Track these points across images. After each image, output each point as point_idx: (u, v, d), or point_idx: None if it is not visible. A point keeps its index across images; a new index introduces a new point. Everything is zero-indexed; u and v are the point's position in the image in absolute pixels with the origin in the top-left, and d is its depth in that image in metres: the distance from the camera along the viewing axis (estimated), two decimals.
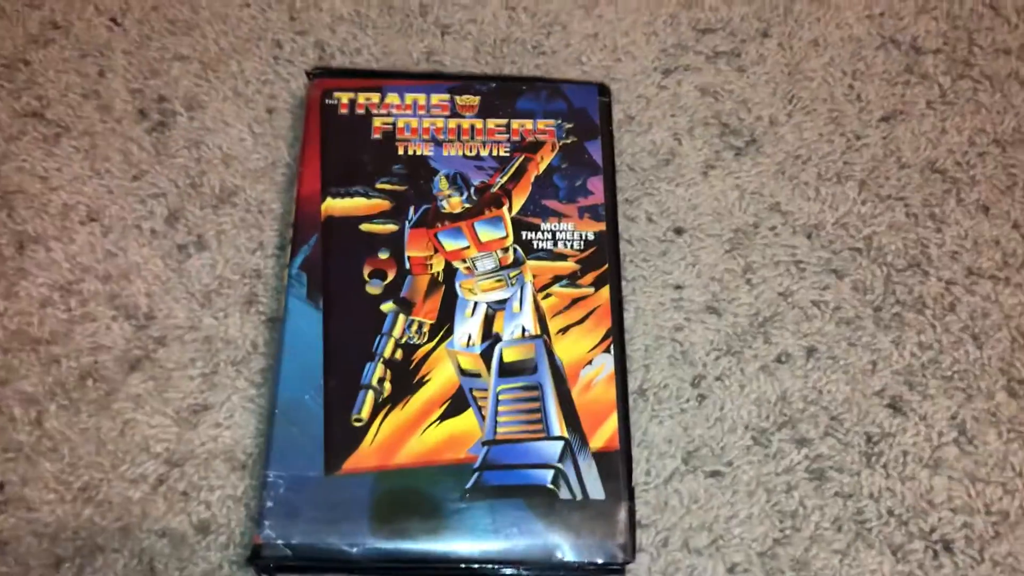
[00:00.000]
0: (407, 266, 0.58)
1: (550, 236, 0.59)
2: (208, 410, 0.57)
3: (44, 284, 0.60)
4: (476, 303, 0.58)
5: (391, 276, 0.58)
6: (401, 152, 0.62)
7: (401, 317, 0.57)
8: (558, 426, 0.54)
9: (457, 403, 0.55)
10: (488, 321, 0.57)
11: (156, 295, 0.60)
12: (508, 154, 0.62)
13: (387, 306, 0.57)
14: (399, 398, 0.54)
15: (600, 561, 0.51)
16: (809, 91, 0.68)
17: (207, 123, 0.66)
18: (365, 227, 0.59)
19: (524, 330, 0.57)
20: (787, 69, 0.69)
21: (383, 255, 0.58)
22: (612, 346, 0.56)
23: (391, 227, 0.59)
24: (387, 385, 0.55)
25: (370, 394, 0.54)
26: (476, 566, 0.51)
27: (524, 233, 0.60)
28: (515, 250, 0.59)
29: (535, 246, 0.59)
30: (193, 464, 0.55)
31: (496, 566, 0.52)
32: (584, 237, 0.59)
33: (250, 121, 0.66)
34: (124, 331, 0.59)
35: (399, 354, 0.56)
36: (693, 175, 0.65)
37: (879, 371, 0.59)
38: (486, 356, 0.56)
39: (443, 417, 0.54)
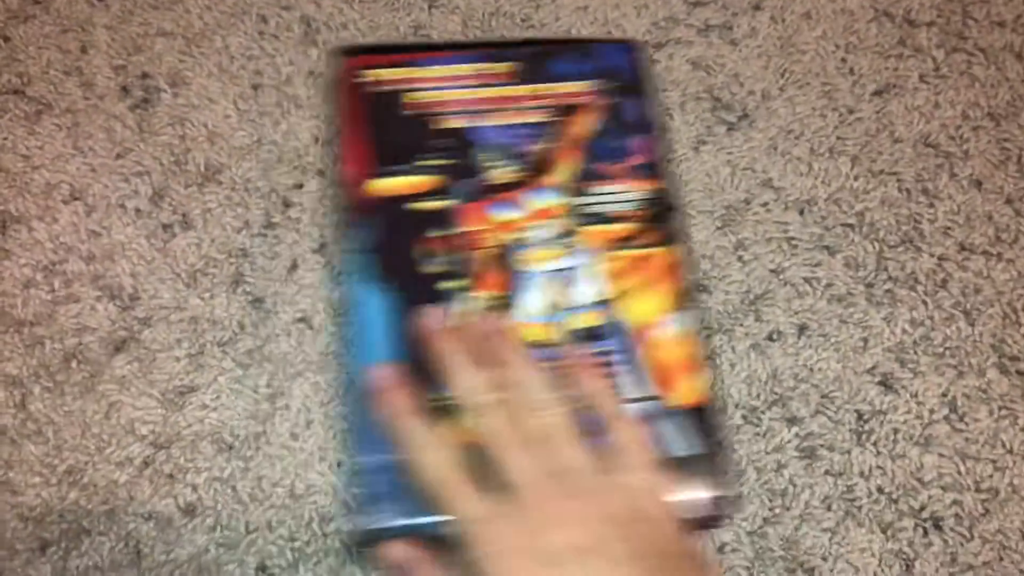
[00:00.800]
0: (462, 242, 0.57)
1: (604, 198, 0.58)
2: (194, 391, 0.56)
3: (27, 265, 0.59)
4: (537, 274, 0.56)
5: (447, 254, 0.57)
6: (440, 127, 0.60)
7: (463, 294, 0.55)
8: (634, 389, 0.53)
9: None
10: (551, 291, 0.56)
11: (141, 275, 0.59)
12: (549, 119, 0.60)
13: (447, 284, 0.56)
14: None
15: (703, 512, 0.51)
16: (802, 65, 0.67)
17: (192, 100, 0.65)
18: (414, 206, 0.58)
19: (589, 297, 0.55)
20: (779, 42, 0.68)
21: (437, 232, 0.57)
22: (681, 303, 0.55)
23: (441, 203, 0.58)
24: None
25: None
26: None
27: (577, 198, 0.58)
28: (571, 217, 0.58)
29: (590, 210, 0.58)
30: (179, 446, 0.55)
31: None
32: (638, 196, 0.58)
33: (235, 98, 0.65)
34: (109, 312, 0.58)
35: None
36: (684, 151, 0.64)
37: (870, 348, 0.59)
38: (553, 326, 0.55)
39: None
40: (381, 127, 0.59)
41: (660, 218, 0.57)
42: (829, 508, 0.55)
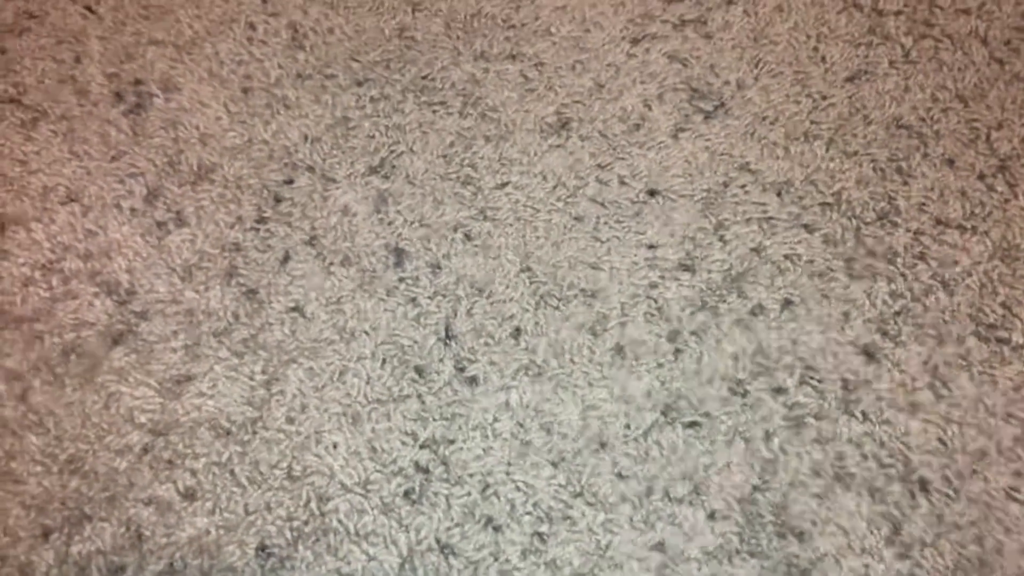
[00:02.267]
0: None
1: None
2: (191, 380, 0.58)
3: (26, 264, 0.61)
4: None
5: None
6: None
7: None
8: None
9: None
10: None
11: (137, 271, 0.61)
12: None
13: None
14: None
15: None
16: (775, 55, 0.69)
17: (183, 104, 0.66)
18: None
19: None
20: (753, 34, 0.70)
21: None
22: None
23: None
24: None
25: None
26: None
27: None
28: None
29: None
30: (178, 433, 0.56)
31: None
32: None
33: (226, 101, 0.66)
34: (106, 307, 0.59)
35: None
36: (664, 138, 0.66)
37: (852, 320, 0.60)
38: None
39: None
40: None
41: None
42: (818, 474, 0.56)
